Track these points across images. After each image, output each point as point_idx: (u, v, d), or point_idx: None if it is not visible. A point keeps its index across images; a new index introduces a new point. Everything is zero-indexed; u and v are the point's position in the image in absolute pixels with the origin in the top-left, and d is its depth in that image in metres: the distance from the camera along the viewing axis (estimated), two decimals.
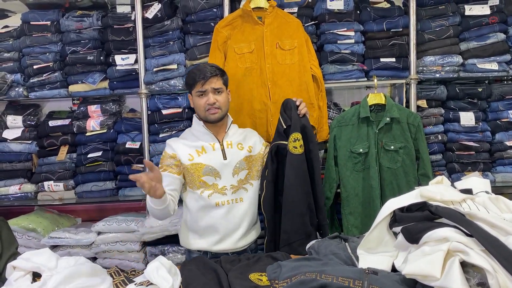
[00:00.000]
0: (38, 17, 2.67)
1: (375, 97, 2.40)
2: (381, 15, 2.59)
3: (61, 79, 2.70)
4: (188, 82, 1.96)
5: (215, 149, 1.94)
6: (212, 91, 1.90)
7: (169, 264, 1.39)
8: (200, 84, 1.89)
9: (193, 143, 1.95)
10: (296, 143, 1.91)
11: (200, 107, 1.92)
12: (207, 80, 1.88)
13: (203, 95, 1.90)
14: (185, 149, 1.92)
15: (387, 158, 2.36)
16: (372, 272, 1.12)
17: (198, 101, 1.91)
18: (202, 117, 1.95)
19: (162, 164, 1.91)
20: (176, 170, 1.89)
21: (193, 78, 1.91)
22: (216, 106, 1.89)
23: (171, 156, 1.91)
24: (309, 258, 1.32)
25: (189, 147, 1.93)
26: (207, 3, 2.56)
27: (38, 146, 2.76)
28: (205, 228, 1.92)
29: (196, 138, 1.96)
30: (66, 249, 2.52)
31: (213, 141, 1.95)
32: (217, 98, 1.90)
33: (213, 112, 1.90)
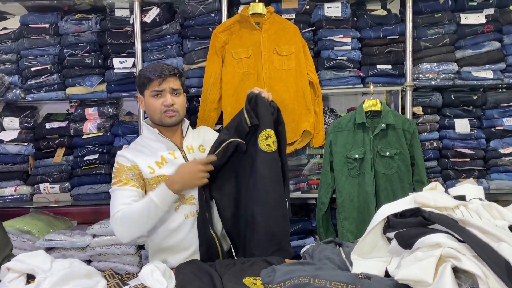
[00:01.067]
0: (36, 20, 2.68)
1: (371, 103, 2.42)
2: (378, 22, 2.62)
3: (58, 82, 2.70)
4: (141, 81, 1.73)
5: (176, 157, 1.74)
6: (170, 91, 1.71)
7: (164, 267, 1.39)
8: (156, 82, 1.68)
9: (150, 154, 1.73)
10: (268, 140, 1.73)
11: (155, 109, 1.70)
12: (164, 78, 1.68)
13: (159, 96, 1.70)
14: (143, 162, 1.70)
15: (383, 164, 2.38)
16: (365, 277, 1.13)
17: (153, 102, 1.70)
18: (157, 121, 1.73)
19: (118, 178, 1.66)
20: (139, 183, 1.67)
21: (147, 76, 1.70)
22: (174, 109, 1.71)
23: (130, 168, 1.67)
24: (303, 263, 1.32)
25: (147, 159, 1.71)
26: (206, 8, 2.58)
27: (34, 148, 2.75)
28: (176, 245, 1.73)
29: (152, 148, 1.75)
30: (61, 252, 2.52)
31: (172, 149, 1.76)
32: (174, 100, 1.71)
33: (170, 115, 1.70)
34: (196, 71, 2.62)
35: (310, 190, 2.66)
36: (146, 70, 1.74)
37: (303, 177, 2.67)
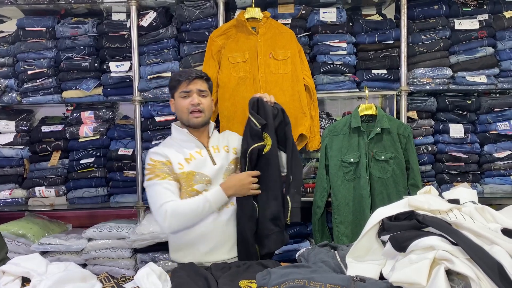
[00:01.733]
0: (33, 23, 2.68)
1: (366, 107, 2.44)
2: (373, 27, 2.64)
3: (55, 85, 2.71)
4: (172, 84, 1.88)
5: (202, 155, 1.86)
6: (197, 92, 1.83)
7: (159, 271, 1.39)
8: (185, 84, 1.82)
9: (179, 152, 1.84)
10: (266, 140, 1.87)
11: (183, 109, 1.83)
12: (192, 80, 1.82)
13: (187, 96, 1.83)
14: (174, 158, 1.82)
15: (378, 168, 2.39)
16: (360, 279, 1.14)
17: (181, 102, 1.83)
18: (185, 121, 1.86)
19: (155, 173, 1.77)
20: (174, 178, 1.78)
21: (177, 79, 1.85)
22: (200, 109, 1.83)
23: (165, 163, 1.79)
24: (298, 266, 1.33)
25: (176, 156, 1.82)
26: (202, 13, 2.59)
27: (30, 152, 2.75)
28: (196, 239, 1.81)
29: (181, 146, 1.86)
30: (56, 255, 2.51)
31: (199, 148, 1.87)
32: (201, 100, 1.83)
33: (196, 116, 1.83)
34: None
35: (306, 194, 2.67)
36: (177, 73, 1.91)
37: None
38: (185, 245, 1.83)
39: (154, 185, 1.75)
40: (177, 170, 1.80)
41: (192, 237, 1.81)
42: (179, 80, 1.84)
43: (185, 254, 1.83)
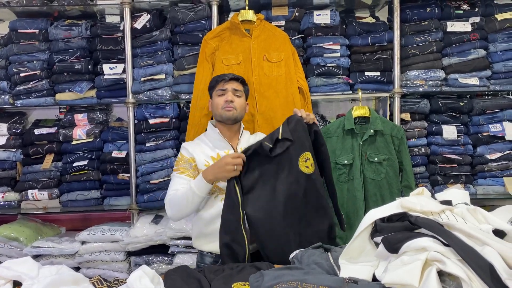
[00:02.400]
0: (26, 25, 2.67)
1: (359, 109, 2.45)
2: (366, 30, 2.65)
3: (48, 87, 2.70)
4: (211, 84, 2.02)
5: None
6: (232, 91, 1.95)
7: (152, 273, 1.38)
8: (222, 83, 1.96)
9: (208, 149, 1.95)
10: (307, 162, 1.81)
11: (217, 105, 1.94)
12: (228, 80, 1.96)
13: (222, 94, 1.95)
14: (202, 155, 1.93)
15: (371, 170, 2.40)
16: (352, 281, 1.14)
17: (217, 100, 1.95)
18: (218, 116, 1.95)
19: (178, 166, 1.92)
20: (193, 174, 1.89)
21: (215, 79, 1.99)
22: (233, 106, 1.92)
23: (189, 160, 1.92)
24: (291, 267, 1.33)
25: (205, 153, 1.94)
26: (196, 15, 2.59)
27: (23, 154, 2.74)
28: (217, 230, 1.80)
29: (211, 145, 1.97)
30: (49, 259, 2.49)
31: (227, 148, 1.95)
32: (235, 99, 1.94)
33: (228, 109, 1.92)
34: (186, 77, 2.63)
35: None
36: (216, 76, 2.03)
37: None
38: (205, 235, 1.91)
39: (173, 177, 1.91)
40: (203, 166, 1.89)
41: (211, 229, 1.86)
42: (217, 80, 1.98)
43: (205, 242, 1.91)
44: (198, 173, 1.87)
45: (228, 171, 1.74)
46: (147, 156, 2.61)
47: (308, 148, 1.82)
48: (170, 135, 2.63)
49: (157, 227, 2.49)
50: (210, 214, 1.88)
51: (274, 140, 1.78)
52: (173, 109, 2.64)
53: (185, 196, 1.79)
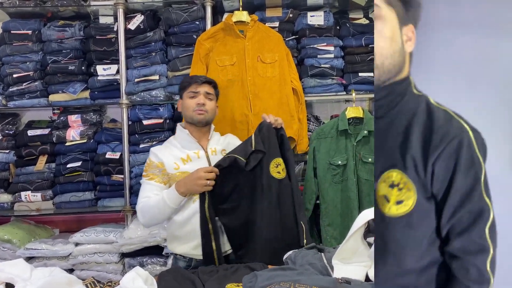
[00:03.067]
0: (19, 26, 2.66)
1: (353, 110, 2.45)
2: (360, 31, 2.67)
3: (41, 88, 2.68)
4: (183, 85, 2.01)
5: (200, 156, 1.94)
6: (204, 94, 1.96)
7: (146, 275, 1.39)
8: (194, 85, 1.95)
9: (177, 151, 1.95)
10: (278, 168, 1.90)
11: (189, 108, 1.94)
12: (201, 83, 1.96)
13: (194, 97, 1.95)
14: (171, 158, 1.92)
15: (365, 170, 2.40)
16: (345, 281, 1.15)
17: (189, 102, 1.95)
18: (189, 118, 1.96)
19: (147, 172, 1.92)
20: (162, 179, 1.89)
21: (188, 81, 1.99)
22: (204, 109, 1.94)
23: (157, 165, 1.91)
24: (284, 268, 1.34)
25: (174, 156, 1.93)
26: (190, 16, 2.59)
27: (16, 156, 2.72)
28: (189, 233, 1.89)
29: (180, 146, 1.97)
30: (43, 261, 2.48)
31: (197, 149, 1.96)
32: (206, 102, 1.95)
33: (200, 112, 1.93)
34: (180, 78, 2.61)
35: None
36: (187, 76, 2.10)
37: None
38: (178, 238, 1.93)
39: (143, 184, 1.91)
40: (172, 170, 1.89)
41: (183, 232, 1.90)
42: (189, 82, 1.98)
43: (178, 245, 1.94)
44: (168, 177, 1.89)
45: (200, 186, 1.77)
46: (141, 157, 2.60)
47: (279, 153, 1.90)
48: (164, 136, 2.62)
49: (151, 229, 2.48)
50: (182, 216, 1.89)
51: (248, 154, 1.83)
52: (167, 110, 2.64)
53: (156, 206, 1.81)
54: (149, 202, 1.83)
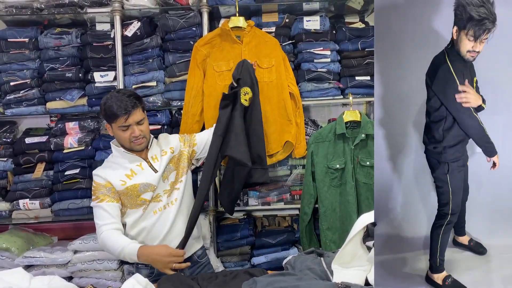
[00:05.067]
0: (16, 34, 2.66)
1: (350, 114, 2.46)
2: (356, 35, 2.68)
3: (38, 96, 2.68)
4: (107, 115, 1.87)
5: (143, 168, 1.95)
6: (136, 125, 1.87)
7: (145, 282, 1.38)
8: (123, 119, 1.83)
9: (120, 169, 1.93)
10: (246, 96, 2.19)
11: (125, 140, 1.89)
12: (130, 114, 1.83)
13: (126, 129, 1.87)
14: (115, 176, 1.91)
15: (363, 174, 2.41)
16: (345, 286, 1.14)
17: (122, 134, 1.88)
18: (127, 147, 1.93)
19: (96, 195, 1.89)
20: (114, 197, 1.89)
21: (114, 112, 1.83)
22: (141, 136, 1.89)
23: (104, 185, 1.89)
24: (284, 274, 1.33)
25: (118, 173, 1.91)
26: (187, 22, 2.60)
27: (13, 164, 2.71)
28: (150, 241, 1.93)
29: (121, 163, 1.95)
30: (41, 269, 2.47)
31: (139, 161, 1.95)
32: (141, 129, 1.89)
33: (139, 143, 1.90)
34: (177, 84, 2.63)
35: (293, 201, 2.68)
36: (111, 104, 1.84)
37: (286, 188, 2.69)
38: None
39: (95, 207, 1.90)
40: (120, 187, 1.89)
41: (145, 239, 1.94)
42: (116, 114, 1.82)
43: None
44: (119, 195, 1.89)
45: (163, 268, 1.76)
46: None
47: (249, 84, 2.21)
48: None
49: None
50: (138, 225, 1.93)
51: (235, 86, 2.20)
52: (165, 116, 2.64)
53: (115, 250, 1.81)
54: (108, 239, 1.82)
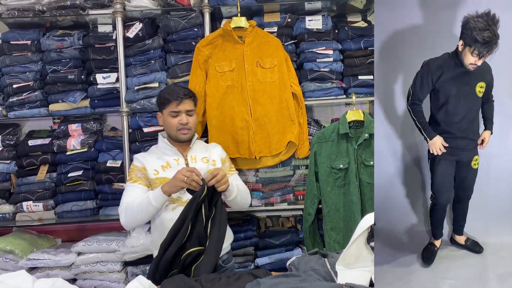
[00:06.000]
0: (18, 37, 2.66)
1: (354, 113, 2.45)
2: (359, 34, 2.66)
3: (41, 98, 2.68)
4: (161, 101, 2.01)
5: (179, 164, 1.99)
6: (185, 112, 1.98)
7: (148, 284, 1.38)
8: (174, 104, 1.96)
9: (159, 158, 2.01)
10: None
11: (172, 127, 1.98)
12: (181, 101, 1.97)
13: (176, 116, 1.98)
14: (152, 164, 1.98)
15: (367, 174, 2.40)
16: (350, 287, 1.13)
17: (171, 120, 1.98)
18: (173, 136, 2.01)
19: (131, 176, 1.97)
20: (145, 182, 1.95)
21: (167, 98, 1.98)
22: (188, 127, 1.98)
23: (140, 169, 1.97)
24: (288, 275, 1.32)
25: (155, 162, 1.99)
26: (188, 23, 2.60)
27: (17, 166, 2.71)
28: (158, 229, 1.94)
29: (162, 153, 2.03)
30: (45, 271, 2.47)
31: (177, 156, 2.01)
32: (189, 119, 1.99)
33: (184, 132, 1.98)
34: (180, 85, 2.62)
35: (296, 201, 2.67)
36: (166, 91, 2.03)
37: (289, 188, 2.68)
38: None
39: (127, 187, 1.96)
40: (152, 175, 1.96)
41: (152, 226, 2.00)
42: (168, 99, 1.97)
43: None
44: (149, 181, 1.95)
45: (179, 180, 1.73)
46: None
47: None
48: None
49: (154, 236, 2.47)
50: (161, 225, 1.92)
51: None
52: None
53: (140, 205, 1.83)
54: (133, 202, 1.86)
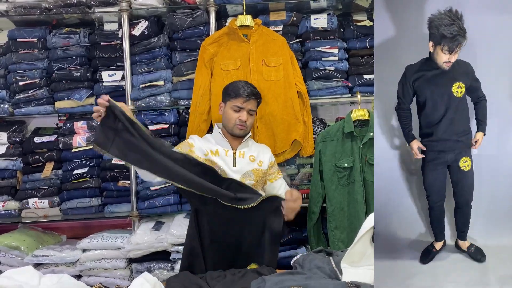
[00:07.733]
0: (24, 34, 2.68)
1: (358, 112, 2.45)
2: (364, 33, 2.66)
3: (47, 96, 2.70)
4: (228, 92, 2.07)
5: (227, 155, 2.06)
6: (248, 111, 2.05)
7: (154, 281, 1.38)
8: (241, 100, 2.03)
9: (211, 144, 2.08)
10: None
11: (231, 120, 2.04)
12: (248, 100, 2.04)
13: (238, 111, 2.04)
14: (204, 146, 2.05)
15: (372, 173, 2.39)
16: (355, 285, 1.14)
17: (231, 113, 2.05)
18: (229, 129, 2.07)
19: (178, 146, 2.03)
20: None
21: (237, 91, 2.04)
22: (245, 125, 2.04)
23: (189, 145, 2.03)
24: (293, 272, 1.33)
25: (207, 146, 2.06)
26: (194, 21, 2.60)
27: (23, 163, 2.73)
28: None
29: (214, 142, 2.10)
30: (50, 267, 2.49)
31: (228, 148, 2.07)
32: (248, 118, 2.06)
33: (241, 128, 2.04)
34: (185, 83, 2.63)
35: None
36: (238, 85, 2.08)
37: (294, 187, 2.68)
38: None
39: None
40: (201, 154, 2.01)
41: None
42: (236, 93, 2.04)
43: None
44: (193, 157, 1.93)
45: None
46: None
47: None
48: (170, 141, 2.62)
49: (158, 234, 2.48)
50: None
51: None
52: (173, 115, 2.64)
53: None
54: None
